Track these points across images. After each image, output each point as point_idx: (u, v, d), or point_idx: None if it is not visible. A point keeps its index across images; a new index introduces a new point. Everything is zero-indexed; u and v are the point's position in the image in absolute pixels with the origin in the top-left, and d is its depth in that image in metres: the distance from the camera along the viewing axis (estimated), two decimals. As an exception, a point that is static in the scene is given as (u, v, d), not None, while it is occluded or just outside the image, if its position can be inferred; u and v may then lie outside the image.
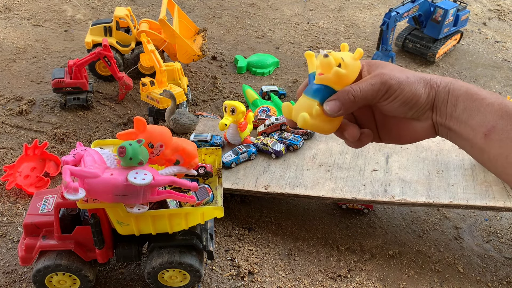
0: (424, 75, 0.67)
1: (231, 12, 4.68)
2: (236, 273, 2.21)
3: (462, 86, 0.64)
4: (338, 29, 4.56)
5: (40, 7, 4.43)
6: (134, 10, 4.36)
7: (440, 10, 3.89)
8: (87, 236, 1.86)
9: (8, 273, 2.13)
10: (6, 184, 2.52)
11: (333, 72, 0.67)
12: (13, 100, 3.22)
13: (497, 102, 0.60)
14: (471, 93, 0.62)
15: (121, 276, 2.16)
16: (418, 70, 3.99)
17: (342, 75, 0.68)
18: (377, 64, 0.69)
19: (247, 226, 2.46)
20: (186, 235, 1.93)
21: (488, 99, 0.61)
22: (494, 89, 3.87)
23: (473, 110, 0.61)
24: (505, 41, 4.61)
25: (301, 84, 0.74)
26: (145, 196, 1.67)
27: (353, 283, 2.21)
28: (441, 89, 0.65)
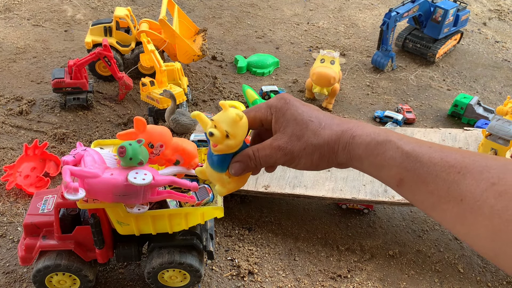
0: (327, 137, 0.67)
1: (231, 12, 4.68)
2: (236, 273, 2.21)
3: (362, 143, 0.64)
4: (338, 29, 4.56)
5: (40, 7, 4.43)
6: (134, 10, 4.36)
7: (440, 10, 3.89)
8: (87, 236, 1.86)
9: (8, 273, 2.13)
10: (6, 184, 2.52)
11: (224, 145, 0.71)
12: (13, 100, 3.22)
13: (398, 154, 0.60)
14: (371, 150, 0.63)
15: (121, 276, 2.16)
16: (418, 70, 4.00)
17: (232, 145, 0.71)
18: (280, 120, 0.70)
19: (247, 226, 2.46)
20: (186, 235, 1.93)
21: (389, 152, 0.61)
22: (494, 89, 3.88)
23: (377, 165, 0.62)
24: (505, 41, 4.61)
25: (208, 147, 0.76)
26: (145, 196, 1.67)
27: (353, 283, 2.21)
28: (340, 150, 0.66)
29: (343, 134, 0.66)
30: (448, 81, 3.92)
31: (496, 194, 0.50)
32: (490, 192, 0.51)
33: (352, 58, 4.09)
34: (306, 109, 0.69)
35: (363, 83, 3.77)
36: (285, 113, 0.69)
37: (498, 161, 0.53)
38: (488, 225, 0.50)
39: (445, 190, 0.54)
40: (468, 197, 0.52)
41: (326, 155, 0.67)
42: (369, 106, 3.52)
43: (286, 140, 0.68)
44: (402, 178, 0.59)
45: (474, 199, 0.52)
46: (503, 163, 0.53)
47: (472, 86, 3.89)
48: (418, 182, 0.58)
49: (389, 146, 0.61)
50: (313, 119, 0.68)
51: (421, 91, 3.75)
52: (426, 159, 0.57)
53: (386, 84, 3.78)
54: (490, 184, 0.51)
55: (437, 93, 3.74)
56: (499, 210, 0.49)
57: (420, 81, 3.88)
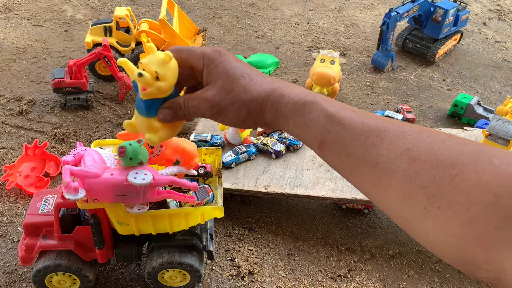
0: (256, 94, 0.67)
1: (231, 12, 4.68)
2: (236, 273, 2.21)
3: (289, 102, 0.64)
4: (338, 29, 4.56)
5: (40, 7, 4.43)
6: (134, 10, 4.36)
7: (440, 10, 3.89)
8: (87, 236, 1.86)
9: (8, 273, 2.13)
10: (6, 184, 2.52)
11: (155, 87, 0.70)
12: (13, 100, 3.22)
13: (322, 116, 0.60)
14: (297, 109, 0.63)
15: (121, 276, 2.16)
16: (418, 70, 4.00)
17: (163, 88, 0.70)
18: (212, 73, 0.70)
19: (247, 226, 2.46)
20: (186, 235, 1.93)
21: (314, 113, 0.61)
22: (494, 89, 3.88)
23: (302, 125, 0.63)
24: (505, 41, 4.61)
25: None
26: (145, 196, 1.66)
27: (353, 283, 2.21)
28: (268, 108, 0.67)
29: (272, 92, 0.67)
30: (448, 81, 3.92)
31: (410, 159, 0.51)
32: (404, 157, 0.51)
33: (352, 58, 4.09)
34: (239, 65, 0.69)
35: (363, 83, 3.77)
36: (217, 65, 0.69)
37: (415, 128, 0.54)
38: (399, 189, 0.51)
39: (362, 153, 0.55)
40: (383, 161, 0.53)
41: (253, 112, 0.68)
42: (369, 106, 3.51)
43: (215, 93, 0.69)
44: (324, 140, 0.60)
45: (389, 163, 0.52)
46: (419, 130, 0.54)
47: (472, 86, 3.89)
48: (338, 145, 0.58)
49: (314, 107, 0.61)
50: (245, 75, 0.68)
51: (421, 91, 3.75)
52: (348, 122, 0.58)
53: (386, 84, 3.78)
54: (405, 149, 0.52)
55: (437, 93, 3.74)
56: (410, 175, 0.50)
57: (420, 81, 3.88)
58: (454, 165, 0.48)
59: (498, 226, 0.44)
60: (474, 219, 0.45)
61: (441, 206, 0.48)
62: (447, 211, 0.47)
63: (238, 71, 0.69)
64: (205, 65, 0.70)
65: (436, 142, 0.51)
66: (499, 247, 0.45)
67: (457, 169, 0.48)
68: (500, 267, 0.45)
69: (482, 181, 0.46)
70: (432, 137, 0.52)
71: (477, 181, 0.46)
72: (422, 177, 0.49)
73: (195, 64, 0.72)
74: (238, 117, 0.69)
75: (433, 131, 0.54)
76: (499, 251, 0.45)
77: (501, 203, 0.45)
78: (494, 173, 0.46)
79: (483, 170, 0.47)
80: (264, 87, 0.67)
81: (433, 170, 0.49)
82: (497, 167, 0.47)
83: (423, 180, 0.49)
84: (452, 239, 0.48)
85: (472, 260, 0.47)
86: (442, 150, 0.50)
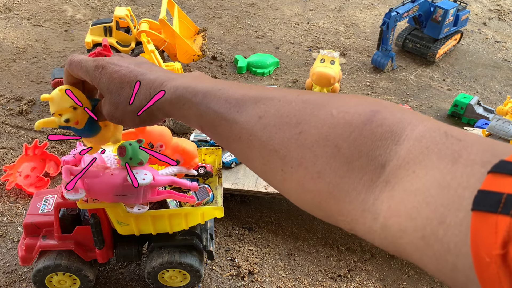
0: (139, 102, 0.71)
1: (231, 12, 4.68)
2: (236, 273, 2.21)
3: (166, 100, 0.67)
4: (338, 29, 4.56)
5: (40, 7, 4.43)
6: (134, 10, 4.36)
7: (440, 10, 3.89)
8: (87, 236, 1.86)
9: (8, 273, 2.13)
10: (6, 184, 2.52)
11: (81, 116, 0.81)
12: (13, 100, 3.22)
13: (193, 104, 0.63)
14: (174, 104, 0.66)
15: (121, 276, 2.16)
16: (418, 70, 4.00)
17: (83, 111, 0.81)
18: (99, 88, 0.75)
19: (247, 226, 2.46)
20: (186, 235, 1.93)
21: (187, 104, 0.64)
22: (494, 89, 3.88)
23: (183, 117, 0.66)
24: (505, 41, 4.61)
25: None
26: (145, 196, 1.67)
27: (353, 283, 2.21)
28: (155, 111, 0.70)
29: (151, 94, 0.70)
30: (448, 81, 3.92)
31: (262, 126, 0.53)
32: (258, 126, 0.53)
33: (352, 58, 4.09)
34: (117, 76, 0.72)
35: (363, 83, 3.77)
36: (99, 82, 0.73)
37: (270, 93, 0.56)
38: (259, 158, 0.53)
39: (228, 131, 0.57)
40: (243, 133, 0.55)
41: (145, 116, 0.72)
42: (369, 106, 3.51)
43: (107, 109, 0.74)
44: (202, 126, 0.63)
45: (247, 135, 0.54)
46: (272, 96, 0.55)
47: (472, 86, 3.90)
48: (211, 127, 0.61)
49: (186, 98, 0.64)
50: (124, 85, 0.71)
51: (421, 91, 3.75)
52: (214, 103, 0.59)
53: (386, 84, 3.79)
54: (258, 118, 0.53)
55: (437, 93, 3.74)
56: (264, 141, 0.52)
57: (420, 81, 3.88)
58: (297, 123, 0.50)
59: (343, 176, 0.46)
60: (321, 172, 0.47)
61: (293, 165, 0.49)
62: (298, 169, 0.49)
63: (117, 83, 0.72)
64: (91, 82, 0.75)
65: (284, 105, 0.53)
66: (347, 197, 0.46)
67: (300, 127, 0.49)
68: (352, 218, 0.46)
69: (322, 134, 0.48)
70: (282, 100, 0.53)
71: (318, 136, 0.48)
72: (273, 141, 0.51)
73: (85, 78, 0.76)
74: (135, 124, 0.74)
75: (287, 92, 0.55)
76: (348, 201, 0.46)
77: (342, 153, 0.46)
78: (332, 124, 0.48)
79: (323, 124, 0.48)
80: (147, 91, 0.70)
81: (280, 132, 0.51)
82: (335, 118, 0.48)
83: (274, 144, 0.51)
84: (309, 195, 0.50)
85: (329, 213, 0.48)
86: (288, 111, 0.51)
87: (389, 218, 0.42)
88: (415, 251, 0.40)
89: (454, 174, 0.38)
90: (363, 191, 0.44)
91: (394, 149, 0.44)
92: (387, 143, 0.44)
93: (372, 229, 0.44)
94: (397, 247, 0.42)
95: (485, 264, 0.33)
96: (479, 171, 0.37)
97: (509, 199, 0.32)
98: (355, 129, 0.46)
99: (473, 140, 0.41)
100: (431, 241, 0.38)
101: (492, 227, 0.32)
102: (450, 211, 0.37)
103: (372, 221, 0.44)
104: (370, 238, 0.45)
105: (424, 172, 0.41)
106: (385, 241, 0.43)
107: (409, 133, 0.44)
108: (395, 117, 0.46)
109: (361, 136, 0.45)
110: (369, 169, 0.44)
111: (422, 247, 0.39)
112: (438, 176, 0.39)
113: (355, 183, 0.45)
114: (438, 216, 0.37)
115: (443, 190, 0.38)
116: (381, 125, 0.45)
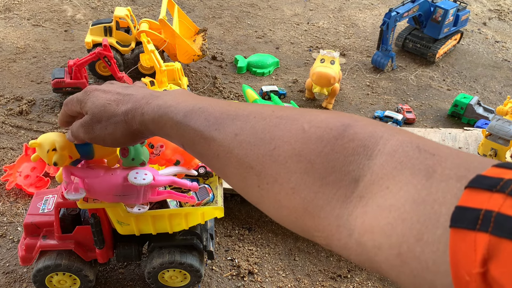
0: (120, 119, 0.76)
1: (231, 12, 4.68)
2: (236, 273, 2.21)
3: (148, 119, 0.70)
4: (338, 29, 4.56)
5: (40, 7, 4.43)
6: (134, 10, 4.36)
7: (440, 10, 3.89)
8: (88, 236, 1.86)
9: (8, 273, 2.13)
10: (6, 184, 2.52)
11: (69, 153, 1.05)
12: (13, 100, 3.22)
13: (173, 124, 0.65)
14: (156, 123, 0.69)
15: (121, 276, 2.16)
16: (418, 70, 4.00)
17: (65, 151, 1.12)
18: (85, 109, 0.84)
19: (247, 226, 2.46)
20: (186, 235, 1.93)
21: (168, 123, 0.66)
22: (494, 89, 3.88)
23: (166, 135, 0.69)
24: (505, 41, 4.62)
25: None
26: (145, 196, 1.67)
27: (353, 283, 2.21)
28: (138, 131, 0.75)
29: (136, 113, 0.73)
30: (448, 81, 3.92)
31: (238, 143, 0.54)
32: (235, 143, 0.54)
33: (352, 58, 4.09)
34: (104, 95, 0.79)
35: (363, 83, 3.77)
36: (86, 103, 0.81)
37: (246, 110, 0.57)
38: (237, 174, 0.54)
39: (207, 149, 0.59)
40: (221, 151, 0.56)
41: (127, 132, 0.76)
42: (369, 106, 3.52)
43: (87, 121, 0.81)
44: (183, 144, 0.65)
45: (225, 152, 0.56)
46: (247, 113, 0.56)
47: (472, 86, 3.90)
48: (192, 145, 0.63)
49: (166, 118, 0.66)
50: (111, 102, 0.77)
51: (421, 91, 3.75)
52: (193, 122, 0.61)
53: (386, 84, 3.79)
54: (234, 135, 0.55)
55: (437, 93, 3.74)
56: (241, 158, 0.53)
57: (420, 81, 3.88)
58: (271, 139, 0.50)
59: (317, 191, 0.46)
60: (296, 188, 0.47)
61: (269, 182, 0.50)
62: (274, 185, 0.49)
63: (103, 100, 0.78)
64: (79, 106, 0.83)
65: (259, 121, 0.53)
66: (322, 213, 0.45)
67: (274, 143, 0.50)
68: (327, 233, 0.45)
69: (296, 150, 0.48)
70: (257, 117, 0.54)
71: (291, 151, 0.48)
72: (249, 158, 0.52)
73: (78, 109, 0.83)
74: (117, 143, 0.79)
75: (262, 109, 0.56)
76: (323, 217, 0.45)
77: (316, 169, 0.46)
78: (304, 139, 0.48)
79: (295, 139, 0.48)
80: (129, 109, 0.75)
81: (255, 149, 0.51)
82: (307, 132, 0.48)
83: (250, 161, 0.51)
84: (285, 211, 0.49)
85: (305, 228, 0.48)
86: (262, 127, 0.52)
87: (363, 234, 0.41)
88: (391, 268, 0.39)
89: (429, 189, 0.38)
90: (337, 206, 0.44)
91: (367, 164, 0.43)
92: (360, 158, 0.44)
93: (347, 245, 0.44)
94: (373, 264, 0.42)
95: (464, 283, 0.32)
96: (454, 186, 0.37)
97: (487, 215, 0.32)
98: (327, 144, 0.46)
99: (447, 154, 0.41)
100: (408, 258, 0.37)
101: (471, 244, 0.32)
102: (427, 228, 0.36)
103: (347, 237, 0.43)
104: (346, 254, 0.44)
105: (398, 187, 0.40)
106: (360, 257, 0.43)
107: (381, 148, 0.44)
108: (366, 131, 0.46)
109: (333, 152, 0.45)
110: (342, 184, 0.44)
111: (399, 264, 0.38)
112: (412, 192, 0.39)
113: (329, 198, 0.45)
114: (415, 233, 0.37)
115: (419, 206, 0.38)
116: (353, 139, 0.45)
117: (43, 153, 0.90)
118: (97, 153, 0.90)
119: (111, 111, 0.76)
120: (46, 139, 0.95)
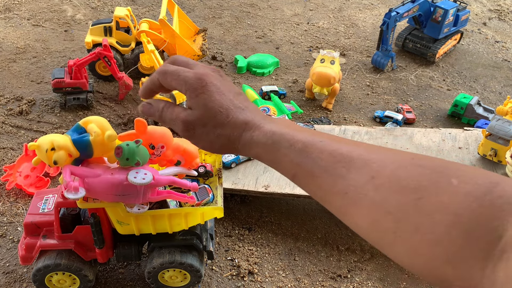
0: (228, 132, 0.70)
1: (231, 12, 4.68)
2: (236, 273, 2.21)
3: (259, 142, 0.67)
4: (338, 29, 4.56)
5: (40, 7, 4.43)
6: (134, 10, 4.36)
7: (440, 10, 3.89)
8: (87, 236, 1.86)
9: (8, 273, 2.13)
10: (6, 184, 2.52)
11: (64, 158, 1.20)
12: (13, 100, 3.22)
13: (291, 151, 0.63)
14: (267, 148, 0.66)
15: (121, 276, 2.16)
16: (418, 70, 4.00)
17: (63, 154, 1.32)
18: (192, 101, 0.75)
19: (247, 226, 2.46)
20: (186, 235, 1.93)
21: (283, 150, 0.64)
22: (494, 89, 3.88)
23: (274, 162, 0.66)
24: (505, 41, 4.62)
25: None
26: (145, 196, 1.66)
27: (353, 283, 2.21)
28: (241, 147, 0.70)
29: (244, 133, 0.69)
30: (448, 81, 3.92)
31: (375, 187, 0.53)
32: (370, 185, 0.54)
33: (352, 58, 4.09)
34: (219, 98, 0.71)
35: (363, 83, 3.77)
36: (198, 96, 0.71)
37: (380, 154, 0.57)
38: (367, 216, 0.54)
39: (331, 184, 0.58)
40: (351, 190, 0.55)
41: (226, 146, 0.72)
42: (369, 106, 3.52)
43: (192, 120, 0.72)
44: (295, 173, 0.63)
45: (356, 192, 0.55)
46: (383, 157, 0.56)
47: (472, 86, 3.90)
48: (308, 177, 0.61)
49: (283, 144, 0.64)
50: (223, 110, 0.70)
51: (421, 91, 3.75)
52: (316, 155, 0.60)
53: (386, 84, 3.79)
54: (370, 178, 0.54)
55: (437, 93, 3.74)
56: (377, 202, 0.52)
57: (420, 81, 3.88)
58: (416, 189, 0.50)
59: (462, 245, 0.47)
60: (440, 240, 0.48)
61: (409, 230, 0.50)
62: (414, 234, 0.49)
63: (217, 105, 0.71)
64: (186, 92, 0.73)
65: (399, 168, 0.53)
66: (465, 266, 0.47)
67: (419, 194, 0.50)
68: (470, 284, 0.47)
69: (443, 203, 0.48)
70: (396, 163, 0.54)
71: (438, 203, 0.49)
72: (388, 203, 0.51)
73: (178, 89, 0.74)
74: (211, 147, 0.73)
75: (398, 155, 0.56)
76: (466, 269, 0.47)
77: (462, 222, 0.47)
78: (453, 193, 0.48)
79: (443, 192, 0.49)
80: (238, 126, 0.70)
81: (397, 195, 0.51)
82: (455, 187, 0.49)
83: (389, 206, 0.51)
84: (422, 259, 0.50)
85: (444, 278, 0.49)
86: (405, 175, 0.52)
87: (505, 286, 0.43)
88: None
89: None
90: (481, 258, 0.45)
91: (511, 221, 0.45)
92: (505, 214, 0.45)
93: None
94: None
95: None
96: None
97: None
98: (476, 199, 0.47)
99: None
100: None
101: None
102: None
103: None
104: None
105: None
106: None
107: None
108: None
109: (480, 207, 0.47)
110: (486, 238, 0.46)
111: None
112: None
113: (474, 252, 0.46)
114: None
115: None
116: (501, 196, 0.47)
117: (43, 154, 0.90)
118: (96, 150, 0.88)
119: (220, 121, 0.70)
120: (44, 140, 0.95)
